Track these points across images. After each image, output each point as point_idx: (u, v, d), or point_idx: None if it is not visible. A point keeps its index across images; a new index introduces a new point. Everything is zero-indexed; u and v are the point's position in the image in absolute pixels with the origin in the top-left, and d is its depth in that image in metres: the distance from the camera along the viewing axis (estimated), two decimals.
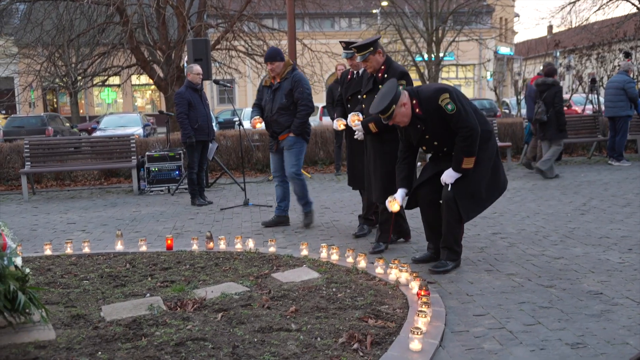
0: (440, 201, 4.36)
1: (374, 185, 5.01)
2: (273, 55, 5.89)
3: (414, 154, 4.58)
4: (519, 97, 16.77)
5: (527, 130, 10.46)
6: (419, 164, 4.64)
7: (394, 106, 4.15)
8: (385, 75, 4.83)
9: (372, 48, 4.80)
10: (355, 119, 5.02)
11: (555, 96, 8.98)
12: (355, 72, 5.41)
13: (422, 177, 4.51)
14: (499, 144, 10.64)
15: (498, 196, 4.48)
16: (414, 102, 4.21)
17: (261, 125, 6.04)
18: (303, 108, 5.86)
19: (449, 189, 4.24)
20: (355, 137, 5.09)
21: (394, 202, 4.45)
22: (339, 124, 5.35)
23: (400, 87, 4.28)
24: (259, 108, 6.12)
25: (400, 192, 4.49)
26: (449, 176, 4.25)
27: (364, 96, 5.04)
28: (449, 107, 4.10)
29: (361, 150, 5.23)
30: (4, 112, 28.71)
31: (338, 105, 5.60)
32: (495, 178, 4.39)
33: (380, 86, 4.72)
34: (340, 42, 5.52)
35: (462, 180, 4.24)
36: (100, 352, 2.93)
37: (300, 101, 5.85)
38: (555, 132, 9.01)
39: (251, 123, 6.07)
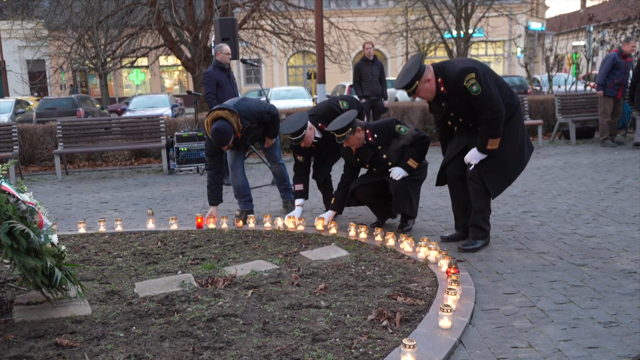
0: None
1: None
2: (224, 138, 5.04)
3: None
4: (550, 73, 16.37)
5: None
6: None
7: (417, 82, 4.12)
8: (375, 135, 4.79)
9: (350, 129, 4.70)
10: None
11: None
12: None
13: (449, 153, 4.48)
14: (530, 121, 10.49)
15: (522, 170, 4.42)
16: (439, 80, 4.19)
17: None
18: (270, 118, 5.44)
19: (472, 167, 4.21)
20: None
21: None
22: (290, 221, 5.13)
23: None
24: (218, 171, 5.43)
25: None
26: (473, 157, 4.19)
27: (367, 166, 4.95)
28: (474, 88, 4.03)
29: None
30: (36, 94, 29.27)
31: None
32: (520, 152, 4.32)
33: (379, 147, 4.80)
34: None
35: (487, 157, 4.19)
36: (134, 327, 3.00)
37: (268, 119, 5.42)
38: None
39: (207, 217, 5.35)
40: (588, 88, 14.61)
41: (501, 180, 4.27)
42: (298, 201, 5.42)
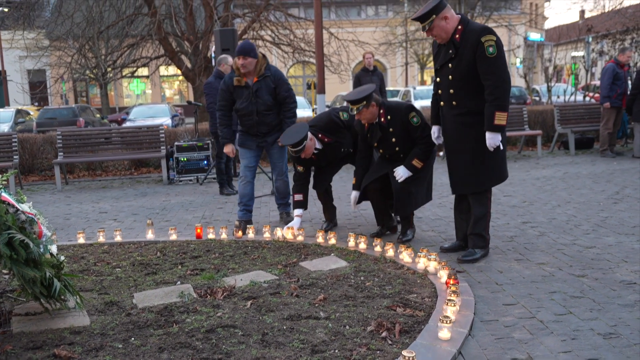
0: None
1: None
2: (247, 50, 5.29)
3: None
4: (549, 84, 16.41)
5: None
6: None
7: (434, 16, 4.06)
8: (389, 117, 4.76)
9: (365, 102, 4.68)
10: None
11: None
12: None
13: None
14: (529, 132, 10.51)
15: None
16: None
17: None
18: (293, 106, 5.54)
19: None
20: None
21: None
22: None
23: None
24: (229, 110, 5.60)
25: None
26: (489, 139, 4.03)
27: (375, 144, 4.93)
28: (490, 49, 3.94)
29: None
30: (36, 104, 29.33)
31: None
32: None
33: (391, 129, 4.76)
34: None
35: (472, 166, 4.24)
36: (133, 338, 2.99)
37: (287, 99, 5.49)
38: None
39: (226, 151, 5.75)
40: (587, 98, 14.66)
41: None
42: (297, 211, 5.40)
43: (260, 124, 5.50)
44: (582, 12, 36.67)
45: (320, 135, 5.23)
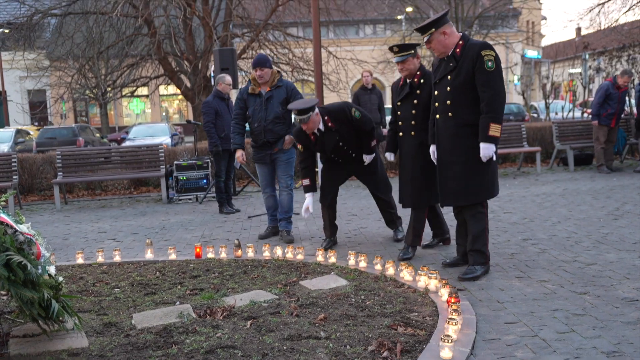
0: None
1: (405, 191, 4.97)
2: (263, 61, 5.73)
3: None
4: (547, 100, 16.48)
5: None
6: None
7: (433, 29, 4.21)
8: (422, 80, 4.80)
9: (413, 51, 4.80)
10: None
11: None
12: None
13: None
14: (528, 148, 10.53)
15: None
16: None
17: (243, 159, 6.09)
18: None
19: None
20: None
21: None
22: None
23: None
24: (242, 119, 5.95)
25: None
26: (482, 149, 4.12)
27: (399, 103, 4.95)
28: (489, 63, 4.10)
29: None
30: (36, 123, 29.41)
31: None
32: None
33: (417, 91, 4.77)
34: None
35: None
36: None
37: None
38: None
39: (236, 156, 6.10)
40: (585, 115, 14.72)
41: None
42: (307, 195, 5.45)
43: (267, 132, 5.75)
44: (579, 29, 36.98)
45: (326, 118, 5.27)
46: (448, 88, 4.26)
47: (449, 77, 4.26)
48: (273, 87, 5.74)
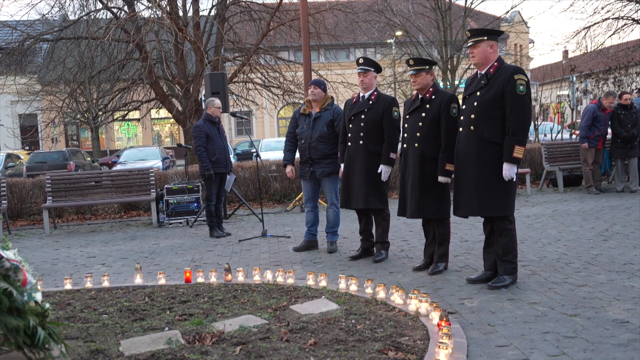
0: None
1: (410, 201, 5.13)
2: (319, 82, 6.31)
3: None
4: (536, 122, 16.64)
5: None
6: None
7: (486, 37, 4.42)
8: (433, 97, 5.01)
9: (427, 67, 5.02)
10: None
11: None
12: (361, 95, 5.71)
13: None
14: (518, 170, 10.58)
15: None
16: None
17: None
18: None
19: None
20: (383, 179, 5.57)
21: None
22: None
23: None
24: (293, 137, 6.42)
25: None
26: (505, 170, 4.36)
27: (407, 116, 5.20)
28: (521, 87, 4.31)
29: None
30: (27, 147, 29.30)
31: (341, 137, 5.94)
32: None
33: (427, 106, 4.99)
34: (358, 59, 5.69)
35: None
36: None
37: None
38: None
39: (286, 171, 6.59)
40: (574, 136, 14.85)
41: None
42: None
43: (312, 149, 6.17)
44: (566, 52, 37.48)
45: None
46: (475, 103, 4.48)
47: (478, 93, 4.47)
48: (322, 109, 6.21)
